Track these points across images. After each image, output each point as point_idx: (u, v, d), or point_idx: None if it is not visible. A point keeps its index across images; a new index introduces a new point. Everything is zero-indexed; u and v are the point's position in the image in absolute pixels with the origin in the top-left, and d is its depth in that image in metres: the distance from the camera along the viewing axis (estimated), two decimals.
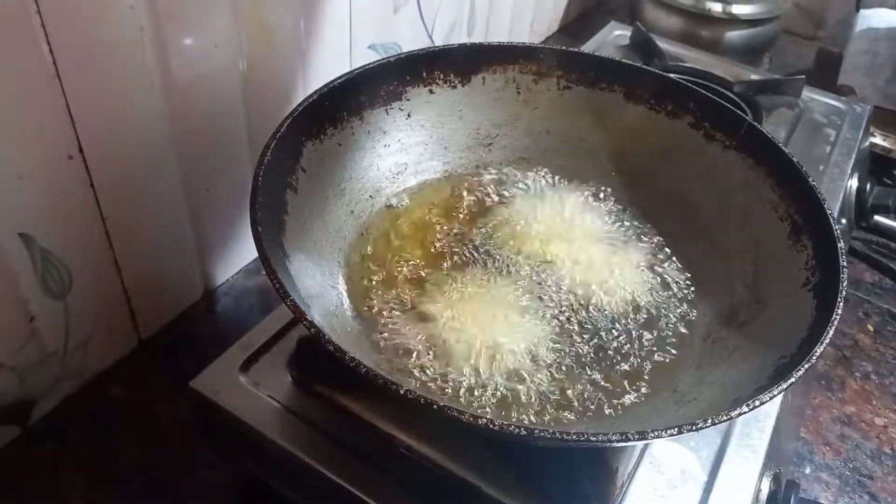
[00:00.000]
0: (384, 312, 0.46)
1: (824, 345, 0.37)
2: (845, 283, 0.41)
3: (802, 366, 0.36)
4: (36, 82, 0.43)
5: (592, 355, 0.46)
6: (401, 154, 0.55)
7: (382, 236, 0.52)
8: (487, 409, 0.42)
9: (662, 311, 0.49)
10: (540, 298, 0.48)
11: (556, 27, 1.18)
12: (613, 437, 0.32)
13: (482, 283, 0.49)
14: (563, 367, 0.45)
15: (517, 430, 0.32)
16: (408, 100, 0.54)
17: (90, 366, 0.57)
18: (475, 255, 0.51)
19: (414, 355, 0.44)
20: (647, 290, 0.50)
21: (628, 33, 0.90)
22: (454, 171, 0.57)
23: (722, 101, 0.54)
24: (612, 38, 0.91)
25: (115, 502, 0.51)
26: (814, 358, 0.36)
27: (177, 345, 0.62)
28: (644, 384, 0.44)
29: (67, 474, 0.52)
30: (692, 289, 0.51)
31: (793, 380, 0.35)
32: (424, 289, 0.48)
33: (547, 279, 0.50)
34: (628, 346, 0.47)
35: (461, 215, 0.54)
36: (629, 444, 0.40)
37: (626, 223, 0.55)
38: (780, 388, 0.35)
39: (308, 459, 0.42)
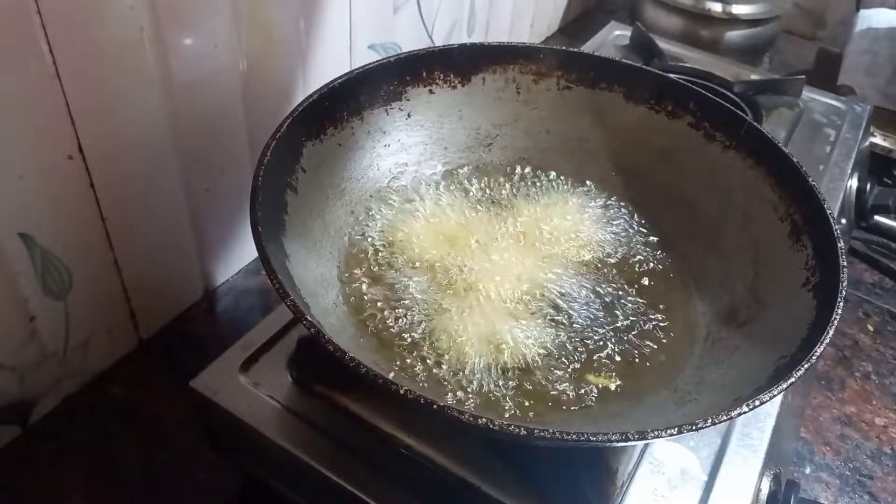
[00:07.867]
0: (384, 312, 0.46)
1: (824, 345, 0.37)
2: (845, 283, 0.41)
3: (802, 366, 0.36)
4: (36, 82, 0.43)
5: (591, 355, 0.46)
6: (401, 154, 0.55)
7: (382, 236, 0.52)
8: (489, 408, 0.42)
9: (662, 311, 0.49)
10: (541, 298, 0.48)
11: (556, 27, 1.18)
12: (613, 437, 0.32)
13: (482, 283, 0.49)
14: (562, 367, 0.44)
15: (517, 430, 0.32)
16: (408, 100, 0.54)
17: (90, 366, 0.57)
18: (475, 254, 0.51)
19: (414, 354, 0.44)
20: (646, 289, 0.51)
21: (628, 33, 0.90)
22: (454, 172, 0.57)
23: (722, 101, 0.54)
24: (612, 38, 0.91)
25: (115, 502, 0.51)
26: (814, 358, 0.36)
27: (177, 345, 0.62)
28: (644, 384, 0.44)
29: (67, 474, 0.52)
30: (692, 289, 0.51)
31: (793, 380, 0.35)
32: (425, 288, 0.48)
33: (547, 278, 0.50)
34: (628, 346, 0.47)
35: (461, 216, 0.54)
36: (629, 444, 0.40)
37: (627, 223, 0.55)
38: (780, 388, 0.35)
39: (308, 459, 0.42)
